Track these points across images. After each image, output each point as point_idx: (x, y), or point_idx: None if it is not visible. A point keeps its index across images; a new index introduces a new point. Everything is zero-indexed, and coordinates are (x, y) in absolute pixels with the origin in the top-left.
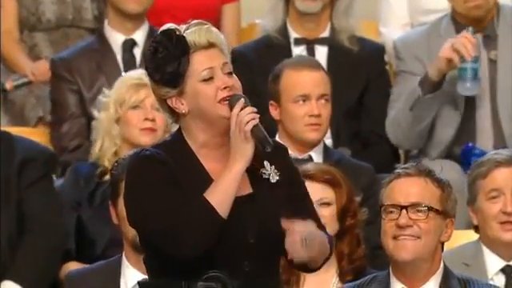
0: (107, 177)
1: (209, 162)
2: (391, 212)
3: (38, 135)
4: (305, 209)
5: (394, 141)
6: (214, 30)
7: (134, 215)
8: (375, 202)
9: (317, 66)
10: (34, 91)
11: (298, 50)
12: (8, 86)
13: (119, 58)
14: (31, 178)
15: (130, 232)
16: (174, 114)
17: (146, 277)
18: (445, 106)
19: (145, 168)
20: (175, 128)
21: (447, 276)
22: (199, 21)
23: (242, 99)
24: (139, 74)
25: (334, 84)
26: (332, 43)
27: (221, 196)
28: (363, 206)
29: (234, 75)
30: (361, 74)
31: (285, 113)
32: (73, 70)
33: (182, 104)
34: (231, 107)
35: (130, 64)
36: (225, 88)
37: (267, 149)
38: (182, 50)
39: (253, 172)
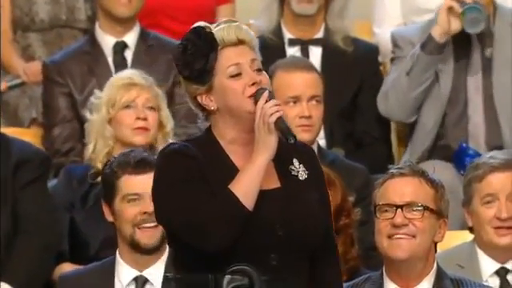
0: (99, 178)
1: (237, 159)
2: (386, 211)
3: (31, 136)
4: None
5: (384, 111)
6: (244, 27)
7: (162, 210)
8: (369, 203)
9: (309, 67)
10: (27, 92)
11: (292, 51)
12: (2, 86)
13: (110, 60)
14: (26, 178)
15: (126, 229)
16: (205, 111)
17: (141, 273)
18: (434, 101)
19: (173, 162)
20: (172, 127)
21: (440, 276)
22: (229, 18)
23: (267, 92)
24: (129, 73)
25: (327, 85)
26: (326, 44)
27: (245, 188)
28: (357, 206)
29: (264, 72)
30: (355, 74)
31: None
32: (64, 73)
33: (211, 100)
34: (256, 101)
35: (121, 66)
36: (253, 84)
37: (290, 140)
38: (210, 47)
39: (281, 168)
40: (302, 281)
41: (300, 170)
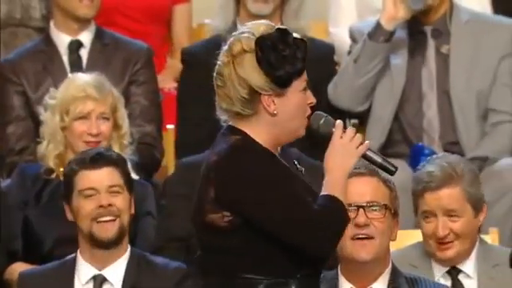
0: (54, 175)
1: None
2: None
3: None
4: None
5: (334, 100)
6: None
7: (270, 212)
8: None
9: None
10: None
11: None
12: None
13: (65, 59)
14: None
15: (84, 225)
16: (253, 109)
17: (100, 272)
18: (387, 96)
19: (264, 162)
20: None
21: (395, 275)
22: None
23: (340, 122)
24: (86, 83)
25: None
26: None
27: (343, 199)
28: None
29: None
30: (311, 74)
31: None
32: (18, 71)
33: (275, 105)
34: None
35: (76, 65)
36: (310, 104)
37: (392, 172)
38: (304, 54)
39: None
40: None
41: (302, 170)
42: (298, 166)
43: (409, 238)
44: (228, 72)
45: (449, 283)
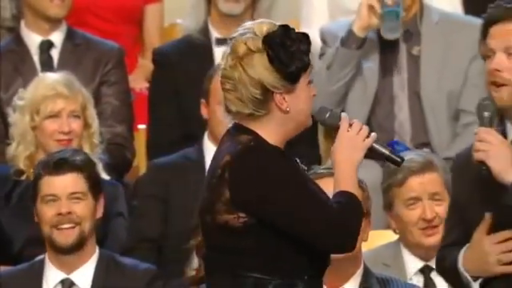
0: (24, 177)
1: None
2: None
3: None
4: None
5: None
6: None
7: (291, 212)
8: None
9: None
10: None
11: (220, 50)
12: None
13: (36, 59)
14: None
15: (45, 230)
16: (266, 109)
17: (68, 276)
18: (360, 99)
19: (278, 161)
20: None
21: (367, 275)
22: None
23: (345, 115)
24: (55, 82)
25: None
26: None
27: (356, 192)
28: None
29: None
30: None
31: (212, 113)
32: None
33: (286, 102)
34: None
35: (47, 65)
36: (314, 95)
37: (398, 163)
38: (309, 47)
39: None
40: None
41: (304, 167)
42: (300, 163)
43: (381, 238)
44: (238, 75)
45: (421, 281)
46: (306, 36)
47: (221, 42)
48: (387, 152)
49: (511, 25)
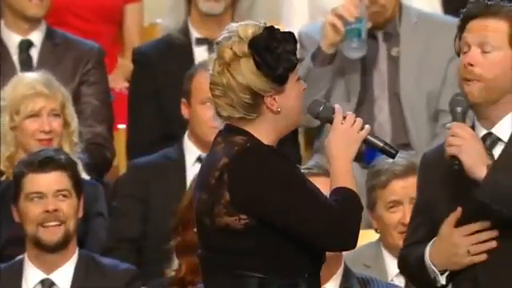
0: (4, 177)
1: None
2: None
3: None
4: None
5: None
6: None
7: (292, 213)
8: None
9: None
10: None
11: (200, 50)
12: None
13: (15, 58)
14: None
15: (30, 228)
16: (257, 112)
17: (48, 276)
18: (341, 101)
19: (276, 161)
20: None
21: (347, 276)
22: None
23: (339, 107)
24: (34, 81)
25: None
26: None
27: (354, 186)
28: None
29: None
30: None
31: (193, 113)
32: None
33: (277, 102)
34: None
35: (26, 65)
36: (304, 90)
37: (392, 154)
38: (295, 47)
39: None
40: None
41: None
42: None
43: (362, 238)
44: (226, 81)
45: (402, 283)
46: (291, 35)
47: (201, 41)
48: (382, 144)
49: (489, 21)
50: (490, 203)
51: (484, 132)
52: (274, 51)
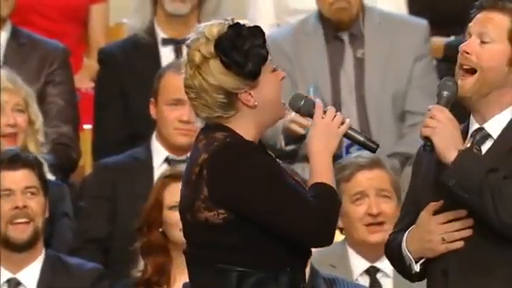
0: None
1: None
2: None
3: None
4: None
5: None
6: None
7: (270, 208)
8: None
9: None
10: None
11: (166, 51)
12: None
13: None
14: None
15: (1, 228)
16: (234, 109)
17: (15, 276)
18: None
19: (255, 157)
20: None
21: (314, 275)
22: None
23: (319, 101)
24: None
25: None
26: None
27: (333, 182)
28: None
29: None
30: None
31: (159, 114)
32: None
33: (253, 97)
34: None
35: None
36: (282, 79)
37: (373, 148)
38: (264, 41)
39: None
40: None
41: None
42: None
43: None
44: (198, 83)
45: (367, 281)
46: (258, 29)
47: (167, 42)
48: (362, 138)
49: (494, 14)
50: (452, 187)
51: (476, 126)
52: (240, 48)
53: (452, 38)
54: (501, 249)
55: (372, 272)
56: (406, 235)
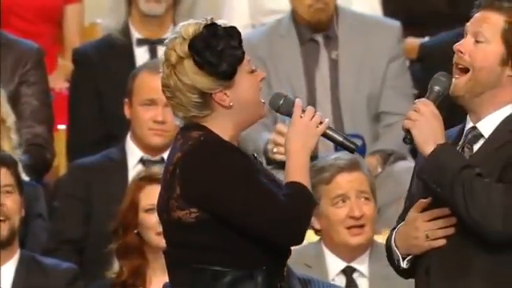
0: None
1: None
2: None
3: None
4: None
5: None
6: None
7: (239, 207)
8: None
9: None
10: None
11: (141, 51)
12: None
13: None
14: None
15: None
16: (209, 109)
17: None
18: None
19: (229, 156)
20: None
21: (288, 276)
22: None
23: (299, 100)
24: None
25: None
26: None
27: (308, 182)
28: None
29: None
30: None
31: (133, 114)
32: None
33: (228, 97)
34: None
35: None
36: (262, 80)
37: (352, 149)
38: (240, 41)
39: None
40: None
41: (261, 161)
42: (257, 157)
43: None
44: (173, 82)
45: (344, 281)
46: (234, 29)
47: (141, 42)
48: (341, 138)
49: (490, 13)
50: (427, 180)
51: (471, 125)
52: (214, 49)
53: (426, 38)
54: (482, 248)
55: (348, 272)
56: (395, 231)
